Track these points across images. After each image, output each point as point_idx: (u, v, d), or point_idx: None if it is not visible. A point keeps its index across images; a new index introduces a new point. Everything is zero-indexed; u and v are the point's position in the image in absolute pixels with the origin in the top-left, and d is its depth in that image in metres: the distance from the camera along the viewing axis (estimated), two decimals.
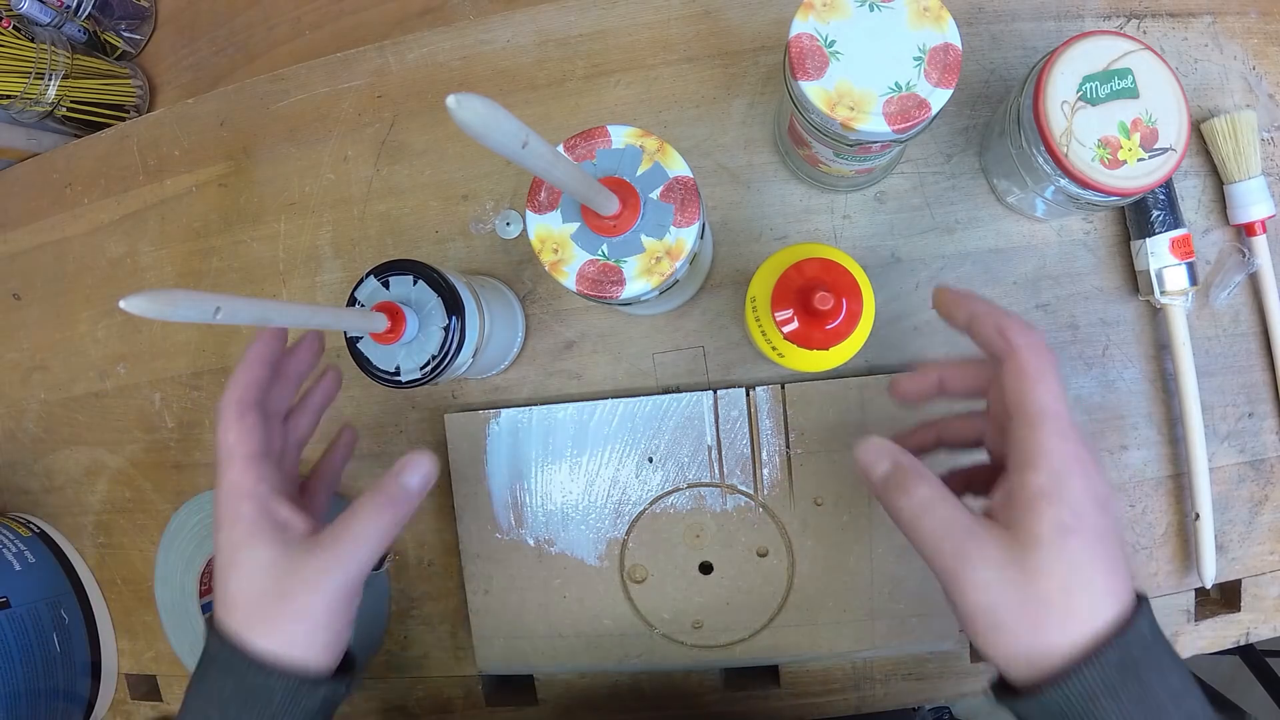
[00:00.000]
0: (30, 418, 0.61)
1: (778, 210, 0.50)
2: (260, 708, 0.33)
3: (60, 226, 0.60)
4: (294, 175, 0.55)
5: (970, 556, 0.30)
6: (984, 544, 0.30)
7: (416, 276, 0.40)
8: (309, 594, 0.33)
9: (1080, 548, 0.29)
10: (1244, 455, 0.48)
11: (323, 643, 0.34)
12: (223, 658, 0.33)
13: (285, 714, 0.33)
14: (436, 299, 0.40)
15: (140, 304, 0.24)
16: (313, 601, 0.33)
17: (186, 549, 0.53)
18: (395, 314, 0.38)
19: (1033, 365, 0.31)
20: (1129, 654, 0.29)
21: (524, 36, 0.52)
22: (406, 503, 0.36)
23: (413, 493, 0.36)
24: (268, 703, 0.33)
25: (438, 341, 0.39)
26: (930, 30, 0.35)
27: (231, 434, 0.35)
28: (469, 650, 0.52)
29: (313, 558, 0.34)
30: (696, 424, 0.48)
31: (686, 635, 0.49)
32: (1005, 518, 0.30)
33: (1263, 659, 0.91)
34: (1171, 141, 0.38)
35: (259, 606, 0.33)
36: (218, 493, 0.35)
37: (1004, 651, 0.30)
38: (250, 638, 0.33)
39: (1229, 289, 0.47)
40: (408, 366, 0.40)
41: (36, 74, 0.62)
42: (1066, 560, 0.29)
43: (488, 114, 0.24)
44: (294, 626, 0.33)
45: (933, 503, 0.31)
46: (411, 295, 0.40)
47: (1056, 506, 0.29)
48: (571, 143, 0.38)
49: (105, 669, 0.58)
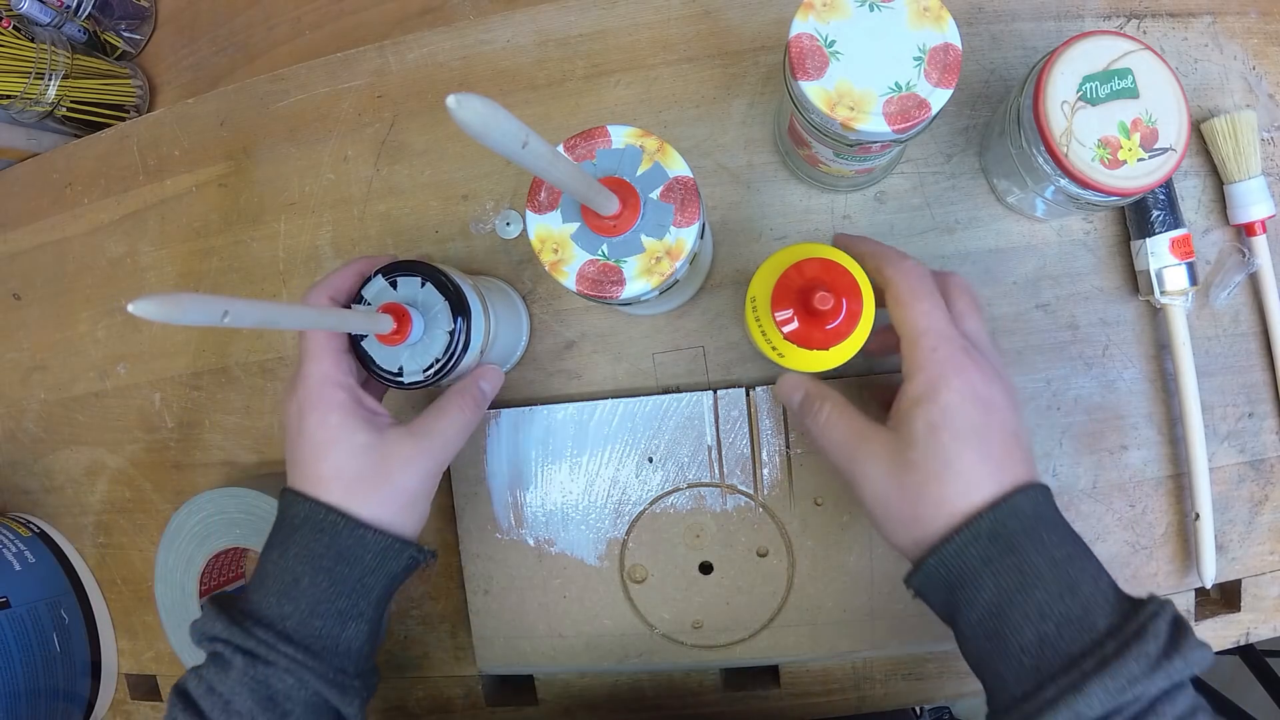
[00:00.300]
0: (30, 418, 0.61)
1: (778, 210, 0.50)
2: (352, 564, 0.37)
3: (60, 226, 0.60)
4: (294, 175, 0.55)
5: (862, 457, 0.35)
6: (873, 444, 0.35)
7: (425, 279, 0.40)
8: (407, 474, 0.37)
9: (949, 441, 0.33)
10: (1244, 455, 0.48)
11: (415, 517, 0.39)
12: (315, 520, 0.36)
13: (372, 573, 0.37)
14: (443, 302, 0.39)
15: (148, 308, 0.24)
16: (410, 481, 0.37)
17: (186, 549, 0.53)
18: (401, 316, 0.38)
19: (904, 290, 0.35)
20: (1003, 526, 0.32)
21: (524, 36, 0.52)
22: (484, 404, 0.41)
23: (487, 396, 0.42)
24: (359, 560, 0.37)
25: (443, 345, 0.39)
26: (930, 30, 0.35)
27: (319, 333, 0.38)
28: (469, 650, 0.52)
29: (408, 444, 0.38)
30: (696, 424, 0.48)
31: (686, 635, 0.49)
32: (893, 423, 0.35)
33: (1263, 659, 0.91)
34: (1171, 141, 0.38)
35: (359, 482, 0.37)
36: (305, 382, 0.38)
37: (896, 537, 0.35)
38: (351, 506, 0.36)
39: (1229, 289, 0.47)
40: (411, 368, 0.39)
41: (36, 74, 0.62)
42: (937, 452, 0.33)
43: (488, 114, 0.24)
44: (393, 500, 0.37)
45: (834, 417, 0.37)
46: (419, 297, 0.40)
47: (926, 407, 0.33)
48: (571, 143, 0.38)
49: (105, 669, 0.58)
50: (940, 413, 0.33)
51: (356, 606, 0.37)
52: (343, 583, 0.37)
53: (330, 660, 0.36)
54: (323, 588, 0.36)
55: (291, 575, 0.36)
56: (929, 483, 0.33)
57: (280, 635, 0.35)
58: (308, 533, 0.37)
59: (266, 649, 0.35)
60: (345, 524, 0.36)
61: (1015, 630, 0.31)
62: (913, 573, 0.34)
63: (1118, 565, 0.48)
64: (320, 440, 0.37)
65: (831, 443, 0.36)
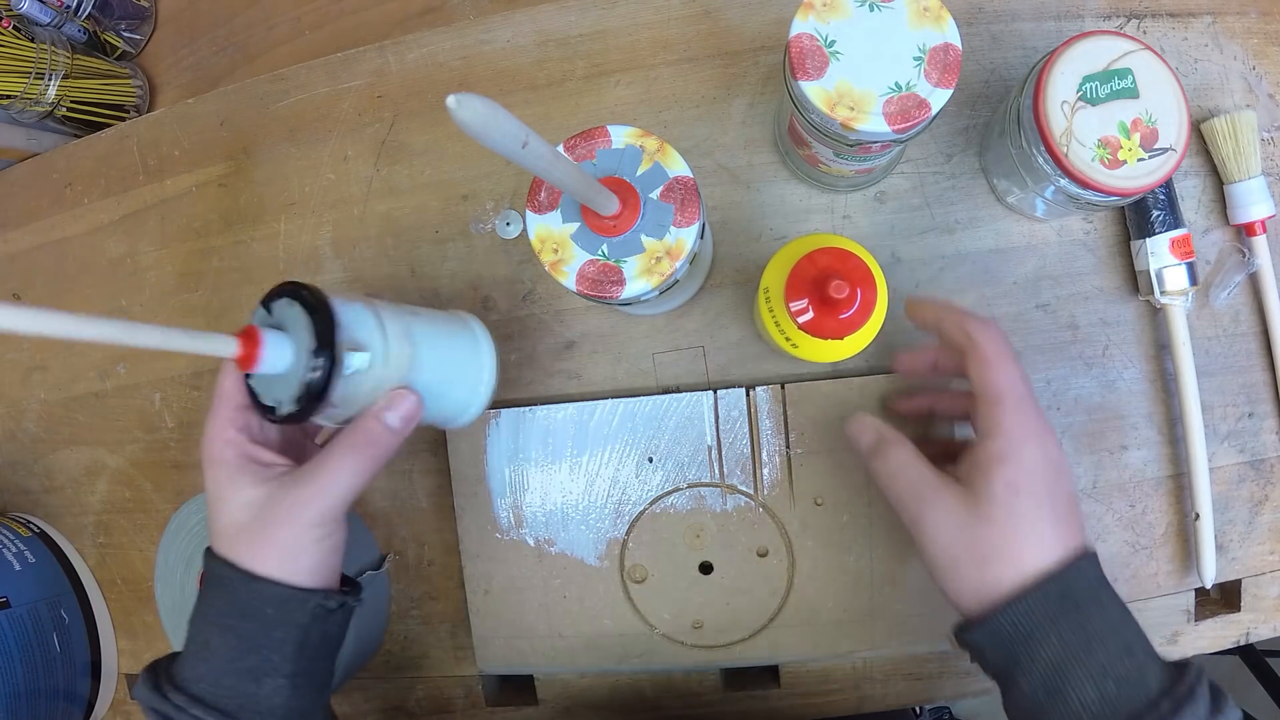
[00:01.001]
0: (30, 418, 0.61)
1: (778, 210, 0.50)
2: (252, 618, 0.36)
3: (60, 226, 0.60)
4: (294, 175, 0.55)
5: (933, 507, 0.35)
6: (945, 497, 0.35)
7: (291, 297, 0.34)
8: (288, 524, 0.35)
9: (1028, 503, 0.34)
10: (1244, 455, 0.48)
11: (306, 567, 0.36)
12: (217, 578, 0.36)
13: (278, 626, 0.36)
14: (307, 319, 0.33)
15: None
16: (292, 531, 0.35)
17: (186, 549, 0.53)
18: (250, 336, 0.32)
19: (990, 353, 0.36)
20: (1070, 589, 0.33)
21: (524, 36, 0.52)
22: (386, 442, 0.36)
23: (394, 431, 0.36)
24: (258, 614, 0.36)
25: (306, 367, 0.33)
26: (930, 30, 0.35)
27: (228, 380, 0.37)
28: (469, 650, 0.52)
29: (290, 493, 0.36)
30: (696, 424, 0.48)
31: (686, 635, 0.49)
32: (967, 479, 0.36)
33: (1263, 659, 0.91)
34: (1171, 141, 0.38)
35: (246, 535, 0.36)
36: (202, 440, 0.37)
37: (960, 587, 0.35)
38: (241, 561, 0.36)
39: (1229, 289, 0.47)
40: (285, 399, 0.34)
41: (36, 74, 0.62)
42: (1015, 512, 0.34)
43: (488, 114, 0.24)
44: (276, 552, 0.36)
45: (905, 465, 0.37)
46: (288, 317, 0.34)
47: (1009, 468, 0.34)
48: (571, 143, 0.38)
49: (105, 669, 0.58)
50: (1021, 474, 0.34)
51: (269, 662, 0.36)
52: (248, 639, 0.36)
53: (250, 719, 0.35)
54: (231, 645, 0.36)
55: (203, 637, 0.36)
56: (1005, 542, 0.34)
57: (192, 699, 0.35)
58: (213, 590, 0.36)
59: (179, 713, 0.35)
60: (239, 579, 0.35)
61: (1078, 687, 0.32)
62: (970, 627, 0.35)
63: (1118, 565, 0.48)
64: (213, 497, 0.37)
65: (900, 489, 0.37)
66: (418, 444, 0.53)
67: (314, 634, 0.37)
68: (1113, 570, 0.48)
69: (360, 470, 0.36)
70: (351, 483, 0.36)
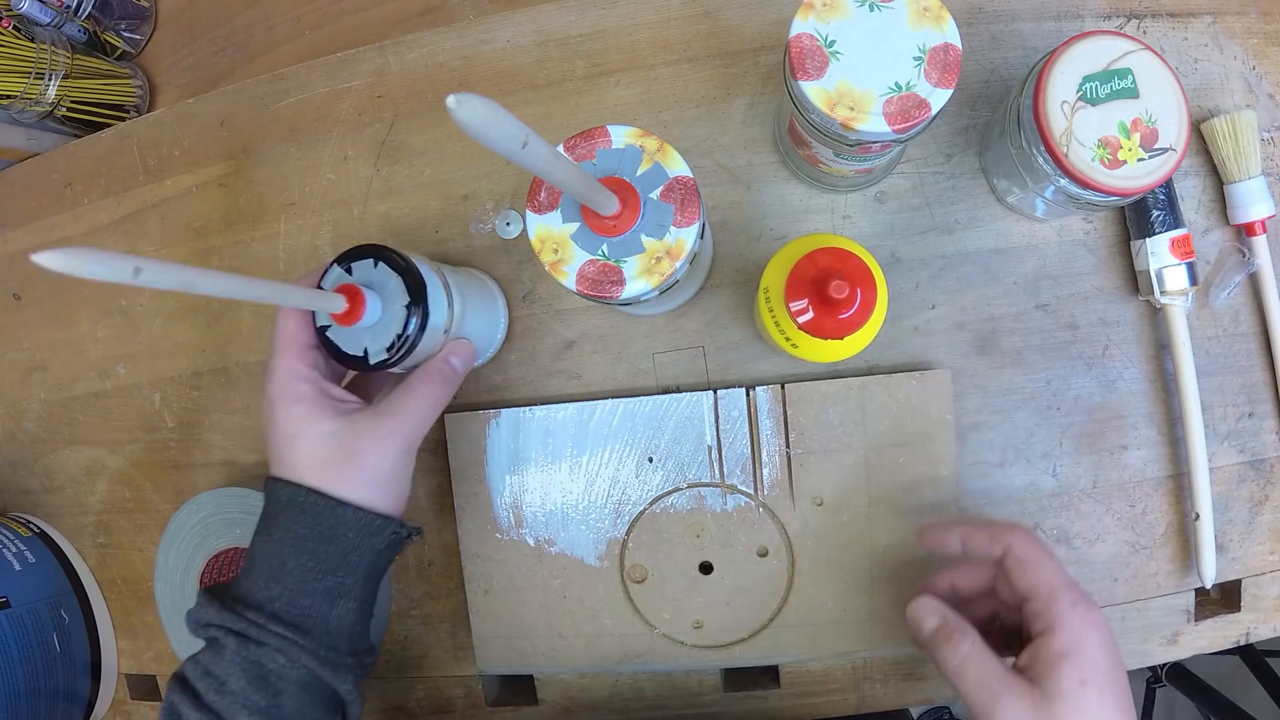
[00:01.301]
0: (30, 418, 0.61)
1: (778, 210, 0.50)
2: (334, 542, 0.38)
3: (60, 226, 0.60)
4: (294, 175, 0.55)
5: (1004, 705, 0.36)
6: (1016, 695, 0.36)
7: (377, 259, 0.39)
8: (378, 452, 0.38)
9: (1096, 697, 0.35)
10: (1244, 455, 0.48)
11: (392, 494, 0.39)
12: (296, 503, 0.37)
13: (355, 550, 0.38)
14: (398, 279, 0.39)
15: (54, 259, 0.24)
16: (379, 459, 0.38)
17: (186, 549, 0.53)
18: (354, 294, 0.37)
19: (1030, 554, 0.38)
20: None
21: (524, 36, 0.52)
22: (454, 379, 0.42)
23: (458, 372, 0.42)
24: (341, 538, 0.38)
25: (401, 320, 0.39)
26: (930, 30, 0.35)
27: (291, 322, 0.39)
28: (469, 650, 0.52)
29: (375, 424, 0.38)
30: (696, 424, 0.48)
31: (686, 635, 0.49)
32: (1032, 674, 0.36)
33: (1263, 659, 0.91)
34: (1171, 141, 0.38)
35: (332, 465, 0.38)
36: (271, 377, 0.39)
37: None
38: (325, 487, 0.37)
39: (1229, 289, 0.47)
40: (375, 348, 0.39)
41: (36, 74, 0.62)
42: (1084, 709, 0.35)
43: (488, 114, 0.24)
44: (366, 478, 0.38)
45: (973, 656, 0.37)
46: (373, 278, 0.39)
47: (1075, 664, 0.35)
48: (571, 143, 0.38)
49: (105, 669, 0.58)
50: (1090, 669, 0.35)
51: (343, 584, 0.38)
52: (327, 561, 0.38)
53: (320, 638, 0.37)
54: (308, 567, 0.37)
55: (278, 558, 0.38)
56: None
57: (270, 616, 0.37)
58: (290, 515, 0.38)
59: (257, 630, 0.36)
60: (324, 504, 0.37)
61: None
62: None
63: (1118, 565, 0.48)
64: (290, 432, 0.38)
65: (969, 681, 0.37)
66: None
67: (382, 561, 0.40)
68: (1113, 570, 0.48)
69: (437, 402, 0.40)
70: (431, 414, 0.40)
